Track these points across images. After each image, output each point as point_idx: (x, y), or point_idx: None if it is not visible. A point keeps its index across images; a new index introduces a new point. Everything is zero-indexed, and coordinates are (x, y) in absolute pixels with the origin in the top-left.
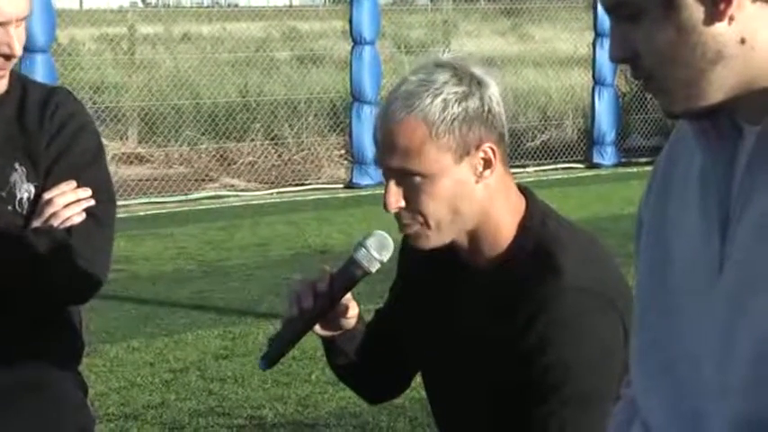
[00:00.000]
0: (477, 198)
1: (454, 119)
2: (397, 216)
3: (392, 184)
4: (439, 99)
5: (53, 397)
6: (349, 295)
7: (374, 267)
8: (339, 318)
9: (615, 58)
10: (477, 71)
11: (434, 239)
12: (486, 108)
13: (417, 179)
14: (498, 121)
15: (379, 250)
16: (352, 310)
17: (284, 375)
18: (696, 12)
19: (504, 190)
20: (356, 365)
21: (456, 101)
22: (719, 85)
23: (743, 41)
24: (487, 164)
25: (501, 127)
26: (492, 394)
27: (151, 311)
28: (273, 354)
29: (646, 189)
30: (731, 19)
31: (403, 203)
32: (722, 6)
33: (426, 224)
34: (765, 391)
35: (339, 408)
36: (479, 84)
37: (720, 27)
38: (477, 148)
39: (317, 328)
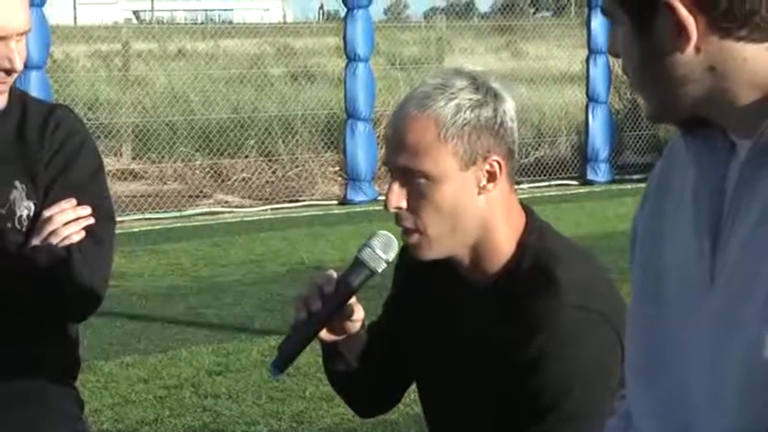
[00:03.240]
0: (478, 210)
1: (465, 124)
2: (397, 218)
3: (396, 184)
4: (453, 103)
5: (50, 411)
6: (354, 299)
7: (380, 267)
8: (345, 321)
9: (609, 51)
10: (496, 85)
11: (434, 249)
12: (498, 120)
13: (421, 181)
14: (509, 137)
15: (385, 250)
16: (359, 314)
17: (278, 392)
18: (662, 40)
19: (507, 206)
20: (353, 375)
21: (469, 107)
22: (690, 101)
23: (712, 69)
24: (492, 177)
25: (511, 143)
26: (489, 409)
27: (145, 328)
28: (284, 359)
29: (641, 200)
30: (698, 50)
31: (404, 204)
32: (683, 41)
33: (426, 234)
34: (757, 404)
35: (333, 424)
36: (496, 96)
37: (687, 56)
38: (485, 159)
39: (323, 332)
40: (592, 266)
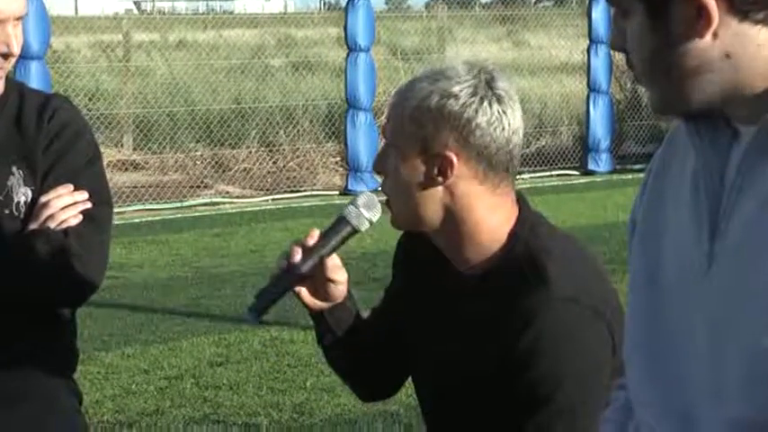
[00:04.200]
0: (435, 199)
1: (428, 110)
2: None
3: (383, 147)
4: (429, 88)
5: (46, 403)
6: (338, 260)
7: (363, 226)
8: (327, 282)
9: (612, 46)
10: (502, 88)
11: (397, 219)
12: (465, 118)
13: (392, 150)
14: (480, 139)
15: (368, 208)
16: (341, 275)
17: (279, 383)
18: (679, 26)
19: (488, 203)
20: (352, 356)
21: (440, 97)
22: (703, 92)
23: (728, 56)
24: (442, 172)
25: (481, 147)
26: (483, 402)
27: (146, 318)
28: (260, 306)
29: (640, 189)
30: (715, 35)
31: (379, 168)
32: (702, 25)
33: (389, 201)
34: (760, 390)
35: (334, 415)
36: (484, 97)
37: (704, 42)
38: (438, 152)
39: (306, 296)
40: (584, 259)
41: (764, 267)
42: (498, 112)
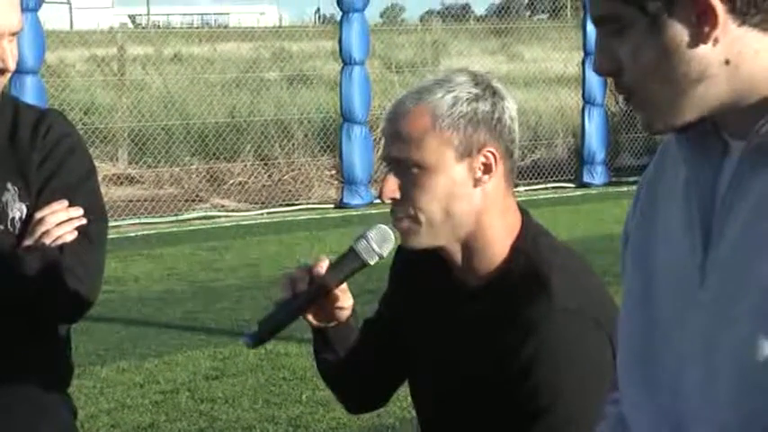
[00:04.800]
0: (472, 203)
1: (461, 116)
2: (391, 209)
3: (391, 175)
4: (450, 95)
5: (40, 418)
6: (345, 286)
7: (373, 260)
8: (332, 307)
9: (600, 71)
10: (497, 84)
11: (424, 238)
12: (496, 116)
13: (415, 170)
14: (507, 134)
15: (380, 244)
16: (347, 302)
17: (275, 396)
18: (680, 33)
19: (503, 206)
20: (344, 368)
21: (467, 100)
22: (701, 103)
23: (727, 62)
24: (487, 169)
25: (509, 141)
26: (481, 411)
27: (141, 332)
28: (261, 334)
29: (632, 202)
30: (716, 41)
31: (398, 195)
32: (707, 29)
33: (417, 220)
34: (751, 400)
35: (330, 428)
36: (495, 93)
37: (704, 48)
38: (479, 151)
39: (310, 317)
40: (585, 272)
41: (755, 280)
42: (509, 108)
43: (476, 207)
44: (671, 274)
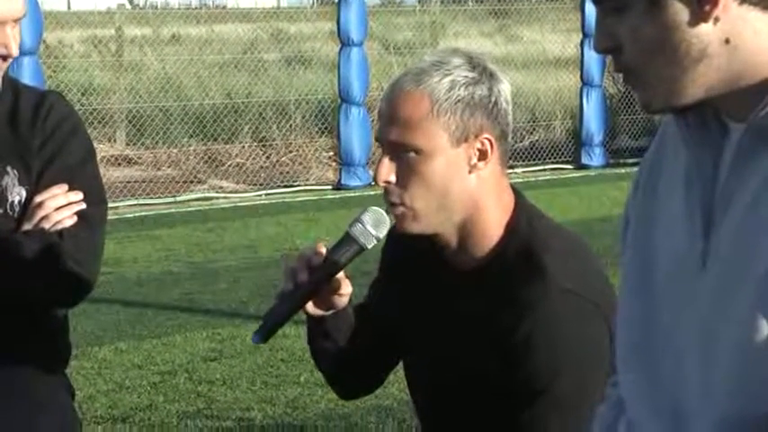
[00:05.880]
0: (467, 188)
1: (459, 100)
2: (385, 192)
3: (386, 159)
4: (448, 79)
5: (38, 399)
6: (342, 273)
7: (370, 243)
8: (332, 295)
9: (599, 49)
10: (492, 66)
11: (419, 224)
12: (492, 100)
13: (411, 155)
14: (503, 118)
15: (376, 226)
16: (346, 288)
17: (273, 377)
18: (681, 12)
19: (498, 189)
20: (338, 355)
21: (464, 84)
22: (701, 83)
23: (727, 41)
24: (483, 155)
25: (505, 125)
26: (478, 393)
27: (139, 313)
28: (267, 328)
29: (632, 186)
30: (716, 20)
31: (393, 178)
32: (707, 8)
33: (412, 206)
34: (750, 388)
35: (328, 409)
36: (491, 76)
37: (705, 27)
38: (476, 136)
39: (309, 306)
40: (581, 251)
41: (755, 266)
42: (505, 91)
43: (471, 192)
44: (671, 259)
